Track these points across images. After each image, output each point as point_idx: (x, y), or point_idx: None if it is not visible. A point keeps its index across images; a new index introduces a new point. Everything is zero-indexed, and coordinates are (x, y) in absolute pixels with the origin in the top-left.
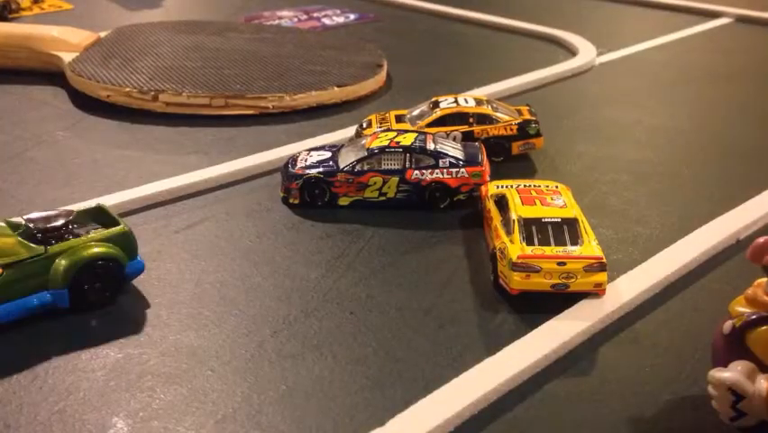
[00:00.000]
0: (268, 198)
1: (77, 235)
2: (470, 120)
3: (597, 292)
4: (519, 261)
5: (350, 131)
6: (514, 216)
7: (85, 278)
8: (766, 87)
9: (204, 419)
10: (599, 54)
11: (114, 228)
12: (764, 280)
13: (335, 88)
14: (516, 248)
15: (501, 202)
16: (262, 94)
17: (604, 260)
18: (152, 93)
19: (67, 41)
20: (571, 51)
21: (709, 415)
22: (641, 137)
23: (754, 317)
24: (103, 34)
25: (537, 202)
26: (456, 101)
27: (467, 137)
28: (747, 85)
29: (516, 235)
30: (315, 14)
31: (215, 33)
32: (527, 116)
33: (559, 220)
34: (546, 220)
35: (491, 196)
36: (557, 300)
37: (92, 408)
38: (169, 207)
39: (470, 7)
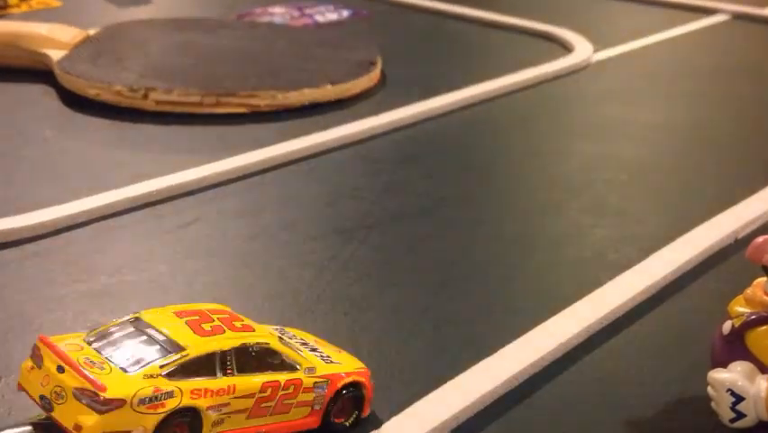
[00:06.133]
0: (260, 198)
1: None
2: None
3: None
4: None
5: (344, 129)
6: None
7: None
8: (764, 84)
9: None
10: (596, 51)
11: None
12: (764, 279)
13: (329, 86)
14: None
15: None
16: (254, 92)
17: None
18: (142, 91)
19: (55, 39)
20: (567, 48)
21: (708, 416)
22: (638, 135)
23: (753, 317)
24: (92, 32)
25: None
26: None
27: None
28: (745, 82)
29: None
30: (308, 11)
31: (207, 31)
32: None
33: None
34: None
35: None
36: (553, 301)
37: None
38: (160, 208)
39: (465, 4)
